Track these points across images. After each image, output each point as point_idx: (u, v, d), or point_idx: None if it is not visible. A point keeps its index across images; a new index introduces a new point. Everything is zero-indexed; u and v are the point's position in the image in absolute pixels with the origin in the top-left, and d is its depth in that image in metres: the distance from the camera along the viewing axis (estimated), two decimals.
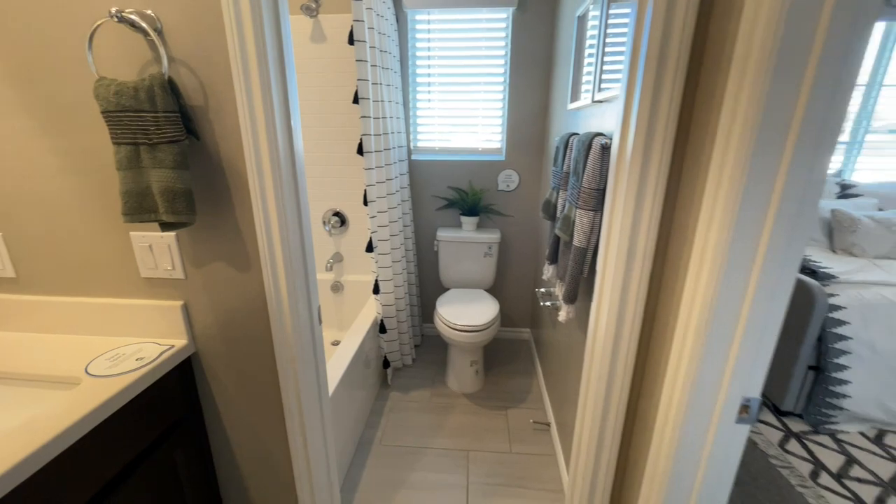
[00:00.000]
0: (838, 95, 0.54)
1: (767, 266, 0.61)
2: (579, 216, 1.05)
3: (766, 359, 0.65)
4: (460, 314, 2.03)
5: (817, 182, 0.57)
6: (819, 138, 0.56)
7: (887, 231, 2.09)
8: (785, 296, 0.62)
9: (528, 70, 2.25)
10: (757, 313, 0.63)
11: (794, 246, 0.60)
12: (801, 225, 0.59)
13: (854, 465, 1.67)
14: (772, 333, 0.64)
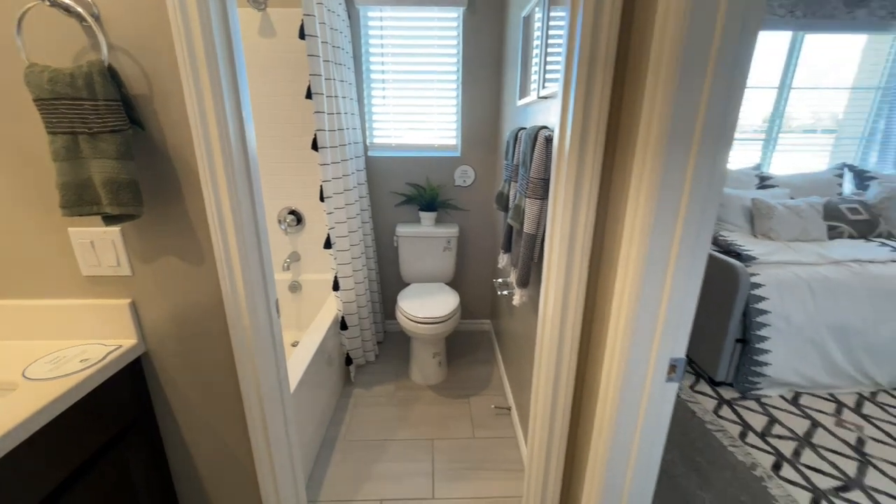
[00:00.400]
0: (732, 99, 0.63)
1: (684, 245, 0.70)
2: (528, 205, 1.12)
3: (688, 324, 0.74)
4: (421, 307, 2.06)
5: (720, 173, 0.66)
6: (719, 135, 0.65)
7: (797, 217, 2.36)
8: (699, 271, 0.71)
9: (481, 68, 2.32)
10: (677, 286, 0.72)
11: (704, 226, 0.69)
12: (708, 209, 0.68)
13: (775, 424, 1.87)
14: (691, 302, 0.73)
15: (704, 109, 0.64)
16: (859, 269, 2.06)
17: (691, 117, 0.65)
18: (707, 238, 0.69)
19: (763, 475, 1.58)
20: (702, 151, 0.65)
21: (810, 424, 1.86)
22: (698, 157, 0.65)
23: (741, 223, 2.47)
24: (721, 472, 1.59)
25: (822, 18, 2.61)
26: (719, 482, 1.55)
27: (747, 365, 2.07)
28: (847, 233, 2.41)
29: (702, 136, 0.65)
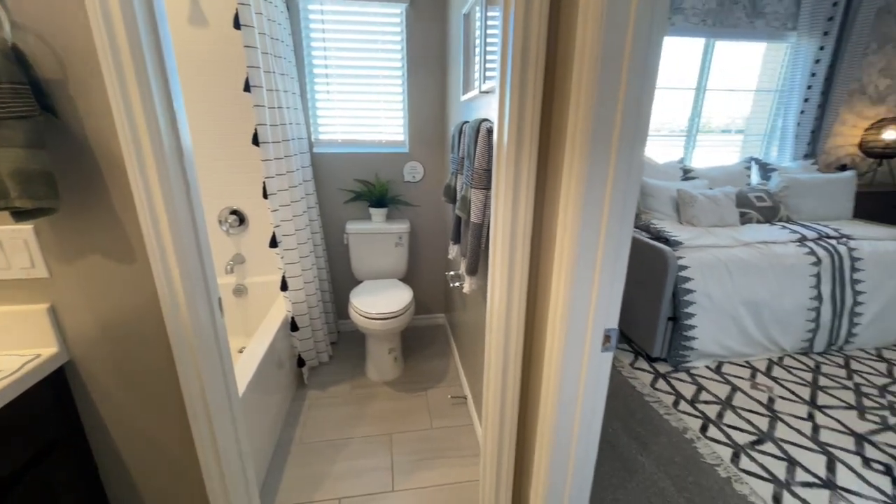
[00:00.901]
0: (644, 97, 0.70)
1: (610, 230, 0.76)
2: (474, 195, 1.16)
3: (618, 299, 0.81)
4: (374, 303, 2.05)
5: (637, 165, 0.73)
6: (634, 131, 0.72)
7: (715, 205, 2.62)
8: (624, 252, 0.78)
9: (426, 64, 2.35)
10: (607, 265, 0.79)
11: (626, 213, 0.76)
12: (629, 198, 0.75)
13: (702, 391, 2.08)
14: (619, 278, 0.80)
15: (622, 107, 0.70)
16: (766, 249, 2.33)
17: (611, 115, 0.71)
18: (629, 224, 0.77)
19: (693, 437, 1.75)
20: (622, 146, 0.72)
21: (730, 389, 2.08)
22: (619, 151, 0.72)
23: (669, 212, 2.70)
24: (658, 438, 1.74)
25: (729, 27, 2.91)
26: (656, 447, 1.70)
27: (678, 340, 2.27)
28: (755, 218, 2.71)
29: (621, 131, 0.71)
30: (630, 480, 1.53)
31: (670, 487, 1.49)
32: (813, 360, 2.34)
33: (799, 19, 2.92)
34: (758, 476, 1.55)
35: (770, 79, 3.18)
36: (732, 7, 2.89)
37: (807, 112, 3.07)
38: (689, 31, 2.89)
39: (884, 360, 2.34)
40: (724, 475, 1.55)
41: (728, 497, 1.46)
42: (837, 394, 2.04)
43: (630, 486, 1.51)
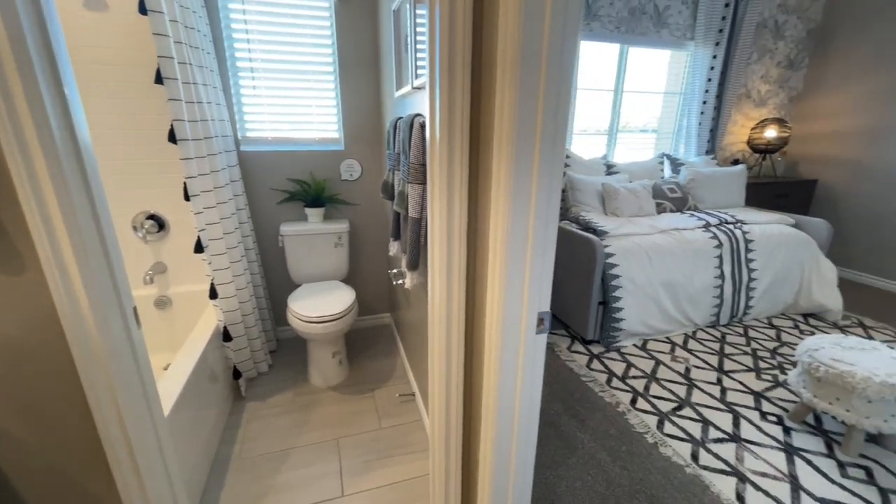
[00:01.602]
0: (561, 96, 0.75)
1: (538, 221, 0.81)
2: (411, 190, 1.17)
3: (548, 283, 0.86)
4: (314, 306, 1.98)
5: (559, 159, 0.79)
6: (554, 127, 0.77)
7: (635, 197, 2.87)
8: (552, 240, 0.84)
9: (359, 59, 2.30)
10: (537, 252, 0.83)
11: (551, 205, 0.81)
12: (553, 191, 0.80)
13: (631, 367, 2.27)
14: (548, 264, 0.85)
15: (542, 106, 0.75)
16: (678, 235, 2.60)
17: (532, 113, 0.75)
18: (554, 215, 0.82)
19: (625, 410, 1.90)
20: (544, 142, 0.76)
21: (654, 363, 2.30)
22: (542, 147, 0.77)
23: (595, 204, 2.91)
24: (594, 414, 1.88)
25: (639, 35, 3.20)
26: (593, 422, 1.82)
27: (608, 323, 2.45)
28: (669, 208, 3.01)
29: (542, 128, 0.76)
30: (571, 457, 1.63)
31: (607, 458, 1.61)
32: (719, 331, 2.65)
33: (696, 30, 3.28)
34: (679, 438, 1.72)
35: (675, 83, 3.53)
36: (641, 17, 3.17)
37: (706, 113, 3.47)
38: (606, 37, 3.13)
39: (773, 326, 2.72)
40: (651, 441, 1.71)
41: (655, 460, 1.61)
42: (739, 359, 2.33)
43: (571, 461, 1.61)
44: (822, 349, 1.70)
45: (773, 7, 3.50)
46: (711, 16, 3.22)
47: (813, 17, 3.64)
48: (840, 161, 3.60)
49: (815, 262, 2.79)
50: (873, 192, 3.39)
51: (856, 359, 1.61)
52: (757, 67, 3.64)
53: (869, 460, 1.60)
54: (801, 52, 3.72)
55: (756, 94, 3.73)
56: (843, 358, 1.63)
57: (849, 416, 1.57)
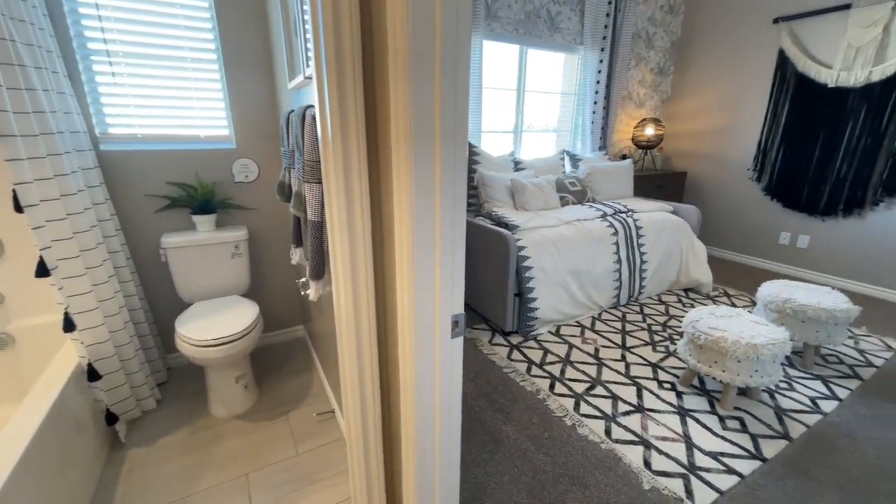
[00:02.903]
0: (459, 89, 0.71)
1: (444, 220, 0.76)
2: (308, 190, 1.05)
3: (460, 285, 0.82)
4: (209, 328, 1.73)
5: (461, 155, 0.75)
6: (454, 124, 0.72)
7: (541, 192, 3.02)
8: (460, 239, 0.80)
9: (248, 46, 2.07)
10: (446, 254, 0.79)
11: (457, 204, 0.77)
12: (458, 188, 0.76)
13: (548, 354, 2.38)
14: (459, 265, 0.81)
15: (439, 98, 0.70)
16: (581, 226, 2.79)
17: (429, 109, 0.70)
18: (461, 214, 0.78)
19: (544, 396, 1.98)
20: (444, 138, 0.72)
21: (568, 348, 2.44)
22: (442, 143, 0.72)
23: (506, 199, 3.01)
24: (517, 405, 1.92)
25: (535, 37, 3.38)
26: (516, 412, 1.86)
27: (524, 313, 2.54)
28: (571, 200, 3.23)
29: (441, 124, 0.71)
30: (497, 451, 1.64)
31: (531, 448, 1.65)
32: (620, 311, 2.91)
33: (584, 36, 3.57)
34: (593, 416, 1.83)
35: (570, 84, 3.81)
36: (536, 20, 3.35)
37: (597, 112, 3.79)
38: (506, 38, 3.25)
39: (662, 302, 3.06)
40: (569, 423, 1.79)
41: (574, 441, 1.69)
42: (638, 335, 2.58)
43: (498, 456, 1.62)
44: (701, 320, 1.94)
45: (644, 20, 3.94)
46: (596, 24, 3.52)
47: (675, 30, 4.18)
48: (701, 155, 4.20)
49: (690, 243, 3.21)
50: (727, 180, 4.01)
51: (727, 325, 1.87)
52: (635, 73, 4.08)
53: (741, 411, 1.86)
54: (668, 60, 4.26)
55: (636, 96, 4.18)
56: (718, 325, 1.87)
57: (724, 376, 1.80)
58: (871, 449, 1.65)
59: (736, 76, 3.82)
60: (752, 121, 3.74)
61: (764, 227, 3.79)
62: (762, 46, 3.60)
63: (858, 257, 3.25)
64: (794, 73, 3.41)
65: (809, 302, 2.11)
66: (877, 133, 3.03)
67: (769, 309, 2.28)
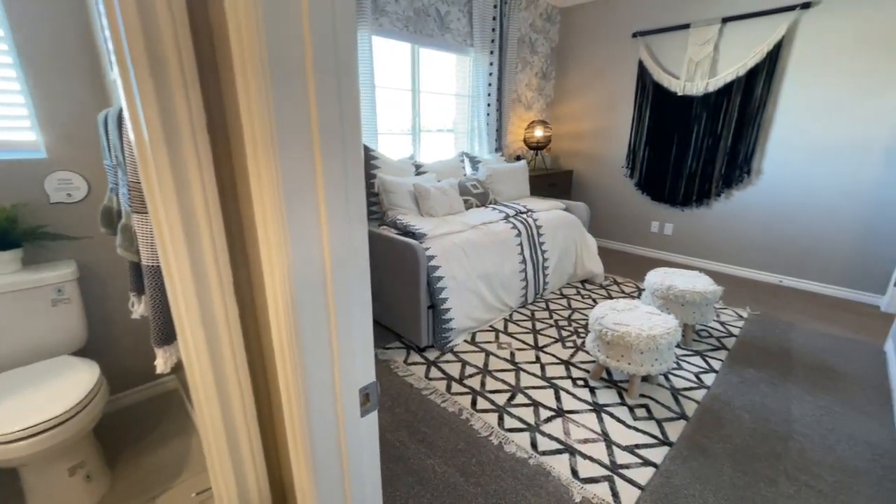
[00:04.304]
0: (345, 97, 0.51)
1: (337, 261, 0.56)
2: (138, 223, 0.74)
3: (368, 348, 0.63)
4: (15, 413, 1.24)
5: (355, 168, 0.55)
6: (345, 133, 0.53)
7: (444, 196, 2.92)
8: (364, 286, 0.60)
9: (57, 29, 1.54)
10: (343, 309, 0.58)
11: (355, 230, 0.57)
12: (354, 212, 0.56)
13: (466, 366, 2.28)
14: (365, 322, 0.61)
15: (316, 110, 0.49)
16: (486, 229, 2.76)
17: (304, 118, 0.49)
18: (362, 245, 0.58)
19: (467, 416, 1.87)
20: (328, 147, 0.51)
21: (485, 356, 2.37)
22: (325, 153, 0.51)
23: (410, 206, 2.84)
24: (440, 431, 1.77)
25: (426, 36, 3.27)
26: (440, 441, 1.71)
27: (439, 325, 2.41)
28: (474, 203, 3.20)
29: (320, 130, 0.50)
30: (425, 492, 1.47)
31: (460, 480, 1.52)
32: (529, 310, 2.97)
33: (474, 38, 3.57)
34: (518, 429, 1.78)
35: (464, 85, 3.79)
36: (426, 18, 3.23)
37: (491, 114, 3.84)
38: (397, 35, 3.07)
39: (564, 296, 3.22)
40: (496, 442, 1.70)
41: (503, 462, 1.60)
42: (547, 332, 2.64)
43: (425, 497, 1.45)
44: (606, 316, 2.02)
45: (527, 26, 4.12)
46: (484, 26, 3.55)
47: (553, 38, 4.46)
48: (584, 154, 4.56)
49: (582, 237, 3.43)
50: (607, 177, 4.42)
51: (628, 320, 1.97)
52: (522, 76, 4.25)
53: (646, 398, 1.98)
54: (550, 65, 4.53)
55: (525, 98, 4.36)
56: (621, 321, 1.96)
57: (630, 368, 1.90)
58: (745, 414, 1.88)
59: (607, 82, 4.21)
60: (623, 123, 4.17)
61: (638, 218, 4.26)
62: (625, 57, 4.02)
63: (710, 241, 3.84)
64: (651, 82, 3.86)
65: (686, 287, 2.36)
66: (715, 135, 3.58)
67: (655, 296, 2.50)
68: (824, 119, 3.07)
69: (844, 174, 3.05)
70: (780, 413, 1.89)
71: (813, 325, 2.76)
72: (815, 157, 3.16)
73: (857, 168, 2.99)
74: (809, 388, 2.07)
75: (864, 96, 2.89)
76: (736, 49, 3.36)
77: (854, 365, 2.28)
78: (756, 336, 2.59)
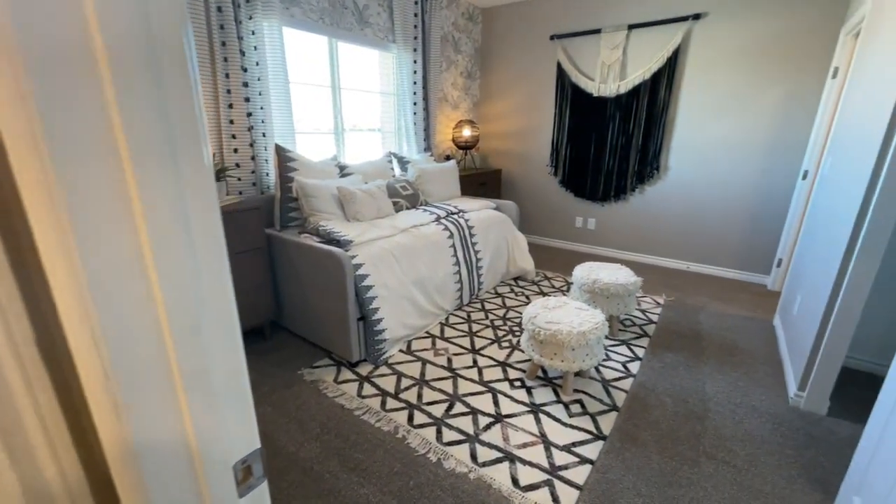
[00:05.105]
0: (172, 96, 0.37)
1: (179, 305, 0.42)
2: None
3: (246, 408, 0.49)
4: None
5: (203, 192, 0.41)
6: (173, 143, 0.39)
7: (372, 199, 2.77)
8: (233, 334, 0.46)
9: None
10: (196, 371, 0.44)
11: (210, 264, 0.43)
12: (206, 242, 0.42)
13: (402, 378, 2.16)
14: (237, 378, 0.47)
15: (119, 116, 0.35)
16: (417, 232, 2.66)
17: (97, 126, 0.35)
18: (223, 287, 0.44)
19: (403, 433, 1.75)
20: (146, 169, 0.37)
21: (422, 365, 2.28)
22: (141, 177, 0.37)
23: (335, 210, 2.65)
24: (375, 454, 1.64)
25: (345, 30, 3.08)
26: (375, 465, 1.58)
27: (371, 337, 2.27)
28: (404, 205, 3.09)
29: (132, 148, 0.36)
30: None
31: None
32: (465, 312, 2.92)
33: (395, 34, 3.45)
34: (457, 442, 1.70)
35: (388, 83, 3.65)
36: (343, 11, 3.05)
37: (418, 113, 3.75)
38: (311, 27, 2.85)
39: (499, 294, 3.23)
40: (434, 459, 1.61)
41: (442, 480, 1.52)
42: (483, 333, 2.61)
43: None
44: (538, 315, 2.02)
45: (450, 25, 4.08)
46: (406, 22, 3.44)
47: (476, 38, 4.48)
48: (511, 153, 4.65)
49: (513, 235, 3.47)
50: (533, 175, 4.55)
51: (559, 317, 1.99)
52: (447, 75, 4.21)
53: (580, 392, 2.02)
54: (475, 65, 4.55)
55: (451, 98, 4.33)
56: (552, 319, 1.97)
57: (563, 365, 1.91)
58: (668, 399, 1.99)
59: (529, 83, 4.32)
60: (546, 123, 4.30)
61: (564, 215, 4.44)
62: (545, 59, 4.15)
63: (628, 233, 4.10)
64: (569, 84, 4.03)
65: (611, 280, 2.46)
66: (628, 134, 3.83)
67: (583, 290, 2.59)
68: (716, 118, 3.40)
69: (734, 168, 3.41)
70: (697, 393, 2.02)
71: (717, 306, 3.04)
72: (710, 153, 3.49)
73: (743, 163, 3.36)
74: (718, 367, 2.26)
75: (746, 98, 3.24)
76: (642, 54, 3.61)
77: (752, 340, 2.54)
78: (672, 321, 2.79)
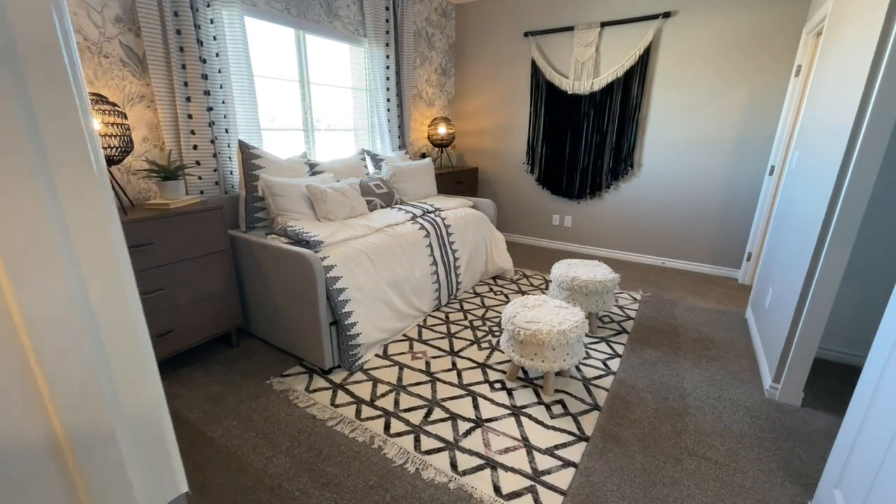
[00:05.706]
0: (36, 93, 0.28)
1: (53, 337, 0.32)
2: None
3: (168, 452, 0.40)
4: None
5: (91, 196, 0.32)
6: (42, 144, 0.30)
7: (344, 197, 2.66)
8: (149, 366, 0.37)
9: None
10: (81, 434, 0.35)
11: (112, 282, 0.34)
12: (99, 258, 0.33)
13: (378, 384, 2.07)
14: (157, 418, 0.38)
15: None
16: (392, 231, 2.57)
17: None
18: (132, 311, 0.35)
19: (380, 444, 1.66)
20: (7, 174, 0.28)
21: (399, 370, 2.19)
22: None
23: (305, 210, 2.53)
24: (349, 467, 1.54)
25: (313, 22, 2.95)
26: (350, 479, 1.49)
27: (345, 342, 2.16)
28: (379, 204, 2.99)
29: None
30: None
31: None
32: (443, 313, 2.85)
33: (367, 28, 3.33)
34: (436, 450, 1.63)
35: (360, 79, 3.53)
36: (311, 2, 2.91)
37: (391, 110, 3.65)
38: (276, 18, 2.71)
39: (477, 294, 3.17)
40: (412, 470, 1.53)
41: (421, 492, 1.44)
42: (462, 335, 2.55)
43: None
44: (518, 315, 1.97)
45: (423, 20, 4.00)
46: (377, 16, 3.33)
47: (450, 33, 4.42)
48: (488, 151, 4.61)
49: (491, 234, 3.42)
50: (510, 173, 4.52)
51: (539, 316, 1.94)
52: (422, 72, 4.12)
53: (561, 392, 1.98)
54: (449, 62, 4.48)
55: (426, 95, 4.25)
56: (532, 318, 1.92)
57: (544, 366, 1.87)
58: (648, 396, 1.98)
59: (504, 80, 4.29)
60: (522, 121, 4.28)
61: (540, 212, 4.43)
62: (520, 56, 4.12)
63: (604, 230, 4.13)
64: (544, 81, 4.01)
65: (589, 277, 2.44)
66: (602, 132, 3.85)
67: (561, 288, 2.56)
68: (687, 116, 3.45)
69: (704, 164, 3.47)
70: (676, 389, 2.02)
71: (692, 300, 3.08)
72: (682, 150, 3.55)
73: (713, 159, 3.42)
74: (696, 361, 2.27)
75: (715, 96, 3.31)
76: (614, 52, 3.63)
77: (726, 334, 2.58)
78: (650, 316, 2.81)
